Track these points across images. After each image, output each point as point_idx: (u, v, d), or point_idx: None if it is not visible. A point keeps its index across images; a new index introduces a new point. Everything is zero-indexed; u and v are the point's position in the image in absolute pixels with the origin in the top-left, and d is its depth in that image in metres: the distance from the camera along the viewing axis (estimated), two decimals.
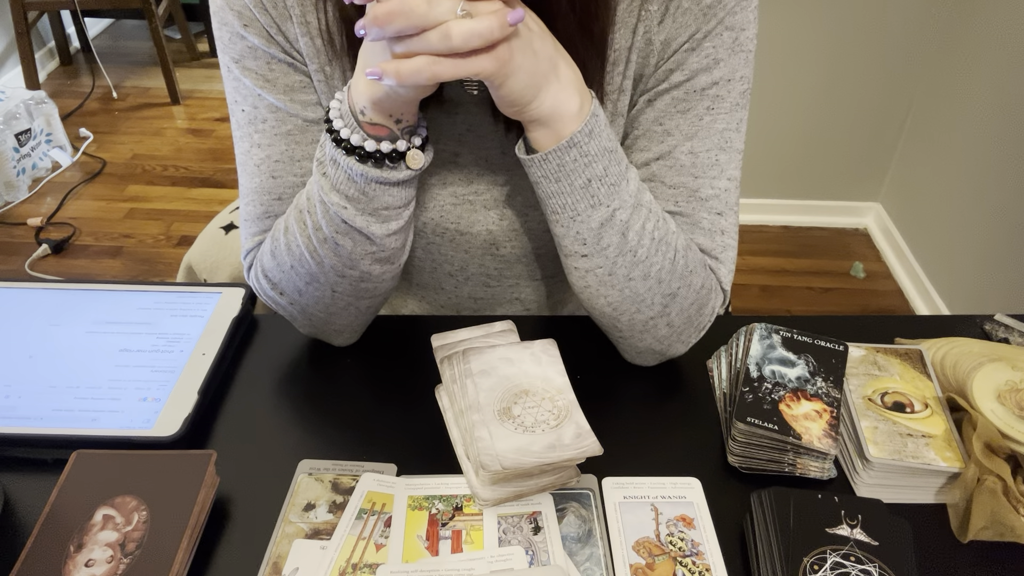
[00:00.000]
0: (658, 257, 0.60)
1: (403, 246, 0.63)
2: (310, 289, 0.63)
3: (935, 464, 0.57)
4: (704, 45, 0.59)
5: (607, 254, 0.59)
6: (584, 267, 0.60)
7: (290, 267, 0.62)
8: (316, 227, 0.59)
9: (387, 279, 0.64)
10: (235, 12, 0.59)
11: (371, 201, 0.57)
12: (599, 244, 0.59)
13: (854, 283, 2.14)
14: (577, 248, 0.59)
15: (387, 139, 0.55)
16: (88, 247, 2.18)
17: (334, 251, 0.60)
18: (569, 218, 0.58)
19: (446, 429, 0.62)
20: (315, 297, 0.64)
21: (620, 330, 0.65)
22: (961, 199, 1.91)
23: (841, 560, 0.50)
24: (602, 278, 0.60)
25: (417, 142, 0.57)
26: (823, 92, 2.10)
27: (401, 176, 0.57)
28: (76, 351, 0.68)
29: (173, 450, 0.57)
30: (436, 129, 0.64)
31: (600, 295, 0.62)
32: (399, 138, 0.56)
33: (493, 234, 0.69)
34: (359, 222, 0.58)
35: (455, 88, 0.63)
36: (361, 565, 0.52)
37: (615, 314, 0.63)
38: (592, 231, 0.58)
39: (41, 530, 0.51)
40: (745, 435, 0.59)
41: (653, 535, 0.55)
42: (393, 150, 0.56)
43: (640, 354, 0.67)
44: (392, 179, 0.56)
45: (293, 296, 0.64)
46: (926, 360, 0.66)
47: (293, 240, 0.61)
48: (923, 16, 1.96)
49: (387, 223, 0.59)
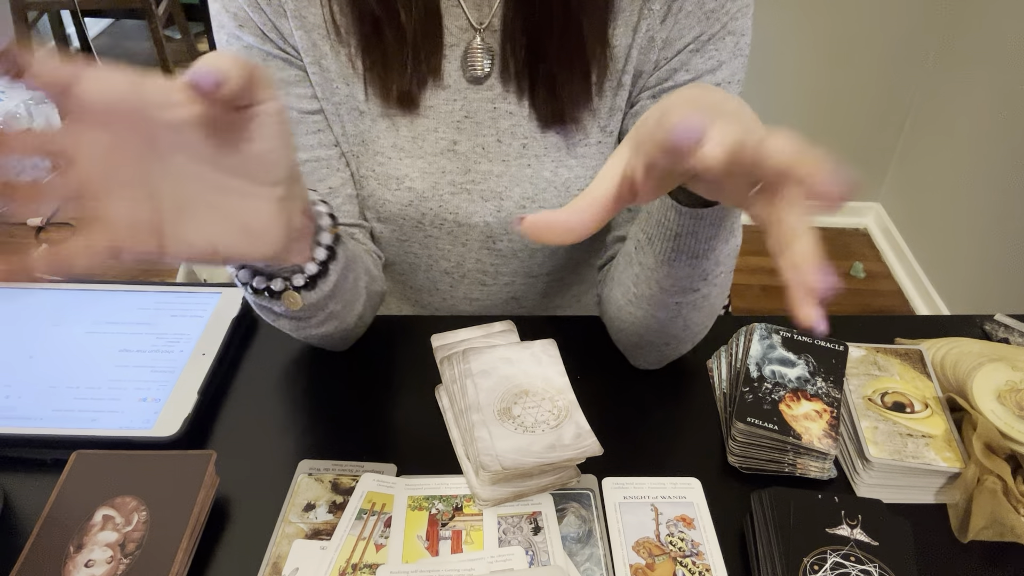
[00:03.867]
0: (732, 265, 0.59)
1: (336, 328, 0.60)
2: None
3: (935, 464, 0.57)
4: (708, 48, 0.61)
5: (717, 282, 0.56)
6: (688, 300, 0.57)
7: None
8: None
9: (350, 325, 0.63)
10: (231, 14, 0.60)
11: (268, 310, 0.55)
12: (716, 273, 0.56)
13: (854, 283, 2.14)
14: (695, 284, 0.56)
15: (262, 275, 0.50)
16: None
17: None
18: (706, 257, 0.53)
19: (446, 429, 0.62)
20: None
21: (668, 344, 0.63)
22: (961, 199, 1.91)
23: (841, 560, 0.50)
24: (699, 305, 0.58)
25: (299, 281, 0.51)
26: (823, 92, 2.10)
27: (283, 311, 0.53)
28: (76, 351, 0.67)
29: (173, 450, 0.57)
30: (435, 116, 0.65)
31: (681, 319, 0.60)
32: (275, 276, 0.50)
33: (490, 226, 0.70)
34: (266, 317, 0.56)
35: (455, 74, 0.63)
36: (361, 565, 0.52)
37: (684, 335, 0.62)
38: (717, 263, 0.55)
39: (41, 530, 0.51)
40: (745, 435, 0.58)
41: (653, 535, 0.55)
42: (267, 287, 0.50)
43: (660, 360, 0.67)
44: (276, 309, 0.53)
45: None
46: (926, 360, 0.66)
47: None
48: (923, 16, 1.96)
49: (297, 322, 0.57)
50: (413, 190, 0.67)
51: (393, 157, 0.66)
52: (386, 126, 0.65)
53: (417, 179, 0.67)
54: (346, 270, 0.56)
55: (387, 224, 0.71)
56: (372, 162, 0.67)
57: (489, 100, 0.64)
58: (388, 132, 0.65)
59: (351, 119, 0.65)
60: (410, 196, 0.67)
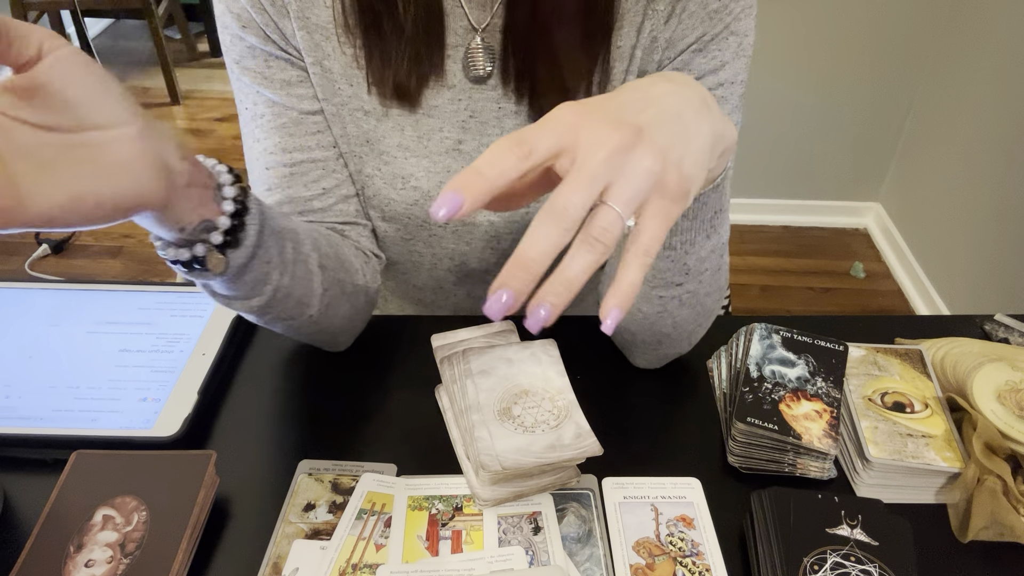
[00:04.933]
0: (725, 265, 0.59)
1: (296, 307, 0.58)
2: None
3: (935, 464, 0.57)
4: (710, 48, 0.61)
5: (702, 279, 0.57)
6: (671, 294, 0.58)
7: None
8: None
9: (313, 314, 0.61)
10: (234, 15, 0.60)
11: (215, 294, 0.53)
12: (699, 269, 0.57)
13: (854, 283, 2.14)
14: (676, 278, 0.57)
15: (184, 246, 0.47)
16: (88, 247, 2.18)
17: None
18: (684, 252, 0.55)
19: (446, 429, 0.62)
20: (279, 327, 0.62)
21: (660, 343, 0.64)
22: (961, 199, 1.91)
23: (841, 560, 0.50)
24: (685, 301, 0.59)
25: (216, 239, 0.47)
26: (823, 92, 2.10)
27: (221, 281, 0.50)
28: (76, 351, 0.67)
29: (173, 450, 0.57)
30: (440, 116, 0.65)
31: (668, 315, 0.60)
32: (195, 242, 0.47)
33: (495, 226, 0.70)
34: (222, 304, 0.54)
35: (459, 74, 0.63)
36: (361, 565, 0.52)
37: (675, 332, 0.62)
38: (700, 260, 0.56)
39: (41, 530, 0.51)
40: (745, 435, 0.59)
41: (653, 535, 0.55)
42: (192, 256, 0.47)
43: (657, 360, 0.68)
44: (216, 280, 0.51)
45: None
46: (926, 360, 0.66)
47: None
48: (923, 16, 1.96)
49: (247, 300, 0.54)
50: (419, 189, 0.67)
51: (399, 156, 0.66)
52: (391, 126, 0.65)
53: (423, 178, 0.67)
54: (273, 234, 0.53)
55: (392, 223, 0.71)
56: (378, 161, 0.67)
57: (493, 100, 0.64)
58: (393, 132, 0.65)
59: (354, 120, 0.65)
60: (415, 195, 0.67)
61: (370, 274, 0.70)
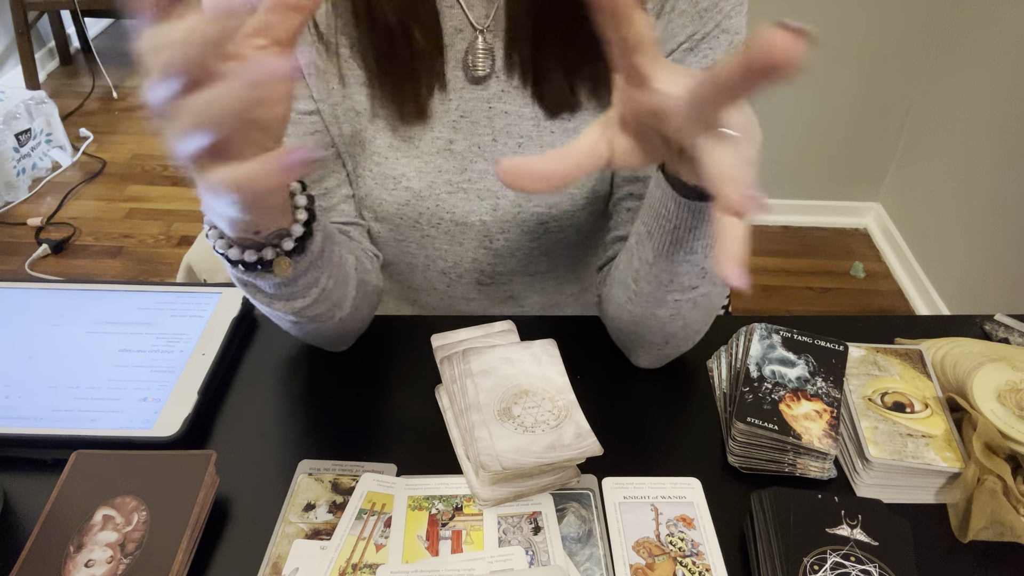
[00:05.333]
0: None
1: (330, 310, 0.60)
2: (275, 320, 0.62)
3: (935, 464, 0.57)
4: (702, 46, 0.61)
5: (716, 280, 0.56)
6: (686, 297, 0.58)
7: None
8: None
9: (343, 316, 0.62)
10: None
11: (260, 292, 0.55)
12: (715, 272, 0.55)
13: (854, 283, 2.14)
14: (693, 281, 0.56)
15: (252, 248, 0.50)
16: (88, 247, 2.18)
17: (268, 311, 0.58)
18: (704, 256, 0.54)
19: (446, 429, 0.62)
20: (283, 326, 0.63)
21: (667, 343, 0.64)
22: (961, 199, 1.91)
23: (841, 560, 0.50)
24: (698, 303, 0.59)
25: (288, 245, 0.51)
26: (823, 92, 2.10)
27: (273, 283, 0.53)
28: (76, 351, 0.67)
29: (173, 450, 0.57)
30: (431, 115, 0.65)
31: (680, 317, 0.60)
32: (265, 246, 0.50)
33: (487, 225, 0.70)
34: (260, 303, 0.56)
35: (453, 72, 0.63)
36: (361, 565, 0.52)
37: (683, 333, 0.62)
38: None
39: (41, 530, 0.51)
40: (745, 435, 0.59)
41: (653, 535, 0.55)
42: (259, 259, 0.50)
43: (659, 360, 0.67)
44: (268, 281, 0.53)
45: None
46: (926, 360, 0.66)
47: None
48: (923, 16, 1.96)
49: (291, 302, 0.56)
50: (410, 189, 0.67)
51: (390, 157, 0.66)
52: (382, 126, 0.65)
53: (414, 178, 0.67)
54: (328, 240, 0.55)
55: (384, 224, 0.71)
56: (369, 162, 0.67)
57: (485, 100, 0.65)
58: (384, 132, 0.66)
59: (347, 119, 0.65)
60: (407, 195, 0.67)
61: (377, 274, 0.70)
